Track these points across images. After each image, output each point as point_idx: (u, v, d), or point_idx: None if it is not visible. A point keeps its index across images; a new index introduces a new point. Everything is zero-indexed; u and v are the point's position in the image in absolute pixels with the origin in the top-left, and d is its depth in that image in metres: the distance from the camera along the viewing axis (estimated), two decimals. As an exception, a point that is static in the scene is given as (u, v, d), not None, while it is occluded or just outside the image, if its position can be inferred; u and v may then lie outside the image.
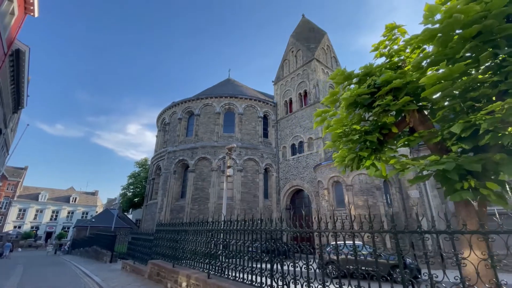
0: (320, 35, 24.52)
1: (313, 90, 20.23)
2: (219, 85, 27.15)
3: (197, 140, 20.78)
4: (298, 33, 25.34)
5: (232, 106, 21.85)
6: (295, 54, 23.72)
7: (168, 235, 6.25)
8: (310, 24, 26.48)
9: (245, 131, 21.20)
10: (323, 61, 22.38)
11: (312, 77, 20.70)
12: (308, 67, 21.52)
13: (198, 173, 19.56)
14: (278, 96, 23.75)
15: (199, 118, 21.57)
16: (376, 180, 12.23)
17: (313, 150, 18.55)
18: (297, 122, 20.63)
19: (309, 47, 22.68)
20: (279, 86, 24.08)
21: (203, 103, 21.99)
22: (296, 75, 22.51)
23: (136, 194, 32.25)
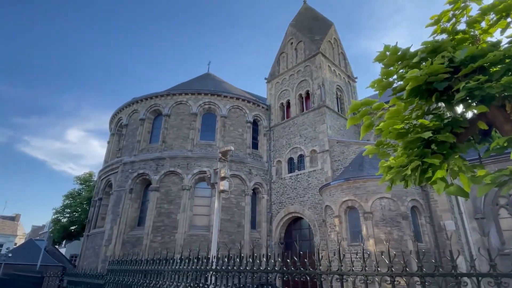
0: (326, 25, 25.32)
1: (317, 91, 20.48)
2: (196, 80, 26.89)
3: (164, 148, 20.12)
4: (299, 22, 26.04)
5: (213, 106, 21.60)
6: (295, 47, 24.19)
7: (130, 277, 5.51)
8: (313, 12, 27.38)
9: (229, 139, 20.87)
10: (329, 56, 22.96)
11: (317, 75, 21.05)
12: (311, 63, 21.92)
13: (163, 193, 18.76)
14: (272, 97, 23.83)
15: (168, 120, 21.03)
16: (402, 206, 12.16)
17: (317, 167, 18.46)
18: (296, 130, 20.63)
19: (313, 39, 23.24)
20: (274, 85, 24.24)
21: (175, 100, 21.55)
22: (296, 72, 22.82)
23: (73, 221, 30.18)
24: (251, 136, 21.80)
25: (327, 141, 18.37)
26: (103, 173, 22.26)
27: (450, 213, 12.41)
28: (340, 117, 21.10)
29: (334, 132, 19.54)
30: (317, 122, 19.49)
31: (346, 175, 14.28)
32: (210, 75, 28.72)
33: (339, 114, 21.07)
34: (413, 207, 12.67)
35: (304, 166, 19.31)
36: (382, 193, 12.41)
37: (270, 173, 21.13)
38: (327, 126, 18.97)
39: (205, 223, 18.54)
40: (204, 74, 29.00)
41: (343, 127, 20.80)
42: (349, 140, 18.31)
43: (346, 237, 12.61)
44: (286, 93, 23.00)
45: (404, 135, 2.85)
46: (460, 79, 2.57)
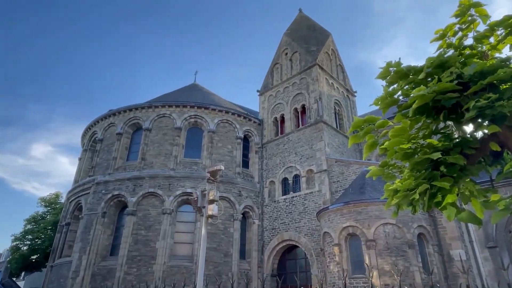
0: (323, 35, 26.15)
1: (314, 105, 20.82)
2: (181, 91, 27.05)
3: (143, 167, 19.87)
4: (294, 31, 26.84)
5: (200, 120, 21.66)
6: (289, 57, 24.78)
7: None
8: (309, 21, 28.33)
9: (217, 156, 20.79)
10: (327, 68, 23.55)
11: (313, 88, 21.47)
12: (307, 75, 22.41)
13: (141, 217, 18.33)
14: (265, 111, 24.09)
15: (149, 135, 20.90)
16: (407, 233, 12.14)
17: (314, 188, 18.44)
18: (291, 147, 20.75)
19: (309, 50, 23.89)
20: (267, 98, 24.56)
21: (158, 113, 21.53)
22: (291, 85, 23.25)
23: (35, 249, 28.92)
24: (241, 154, 21.80)
25: (325, 160, 18.48)
26: (73, 194, 21.74)
27: (460, 241, 12.45)
28: (339, 133, 21.36)
29: (332, 150, 19.70)
30: (314, 139, 19.67)
31: (346, 198, 14.27)
32: (197, 86, 28.95)
33: (337, 131, 21.34)
34: (420, 234, 12.66)
35: (299, 187, 19.28)
36: (386, 219, 12.41)
37: (262, 195, 21.00)
38: (325, 143, 19.15)
39: (187, 253, 18.05)
40: (190, 84, 29.21)
41: (342, 145, 21.02)
42: (349, 159, 18.45)
43: (347, 268, 12.42)
44: (280, 107, 23.28)
45: (411, 155, 2.89)
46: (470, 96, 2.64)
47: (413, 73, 2.95)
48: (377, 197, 12.98)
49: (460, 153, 2.96)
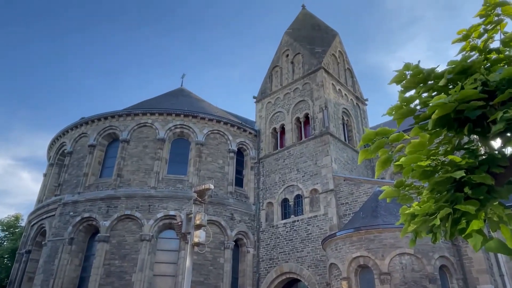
0: (329, 35, 26.66)
1: (319, 114, 20.99)
2: (165, 96, 27.20)
3: (119, 185, 19.74)
4: (297, 30, 27.33)
5: (186, 130, 21.70)
6: (291, 60, 25.12)
7: None
8: (313, 20, 28.91)
9: (205, 173, 20.74)
10: (334, 73, 23.88)
11: (318, 95, 21.70)
12: (311, 80, 22.68)
13: (115, 245, 18.08)
14: (262, 120, 24.21)
15: (127, 147, 20.87)
16: (428, 265, 12.04)
17: (318, 211, 18.38)
18: (292, 163, 20.77)
19: (313, 51, 24.27)
20: (265, 106, 24.72)
21: (138, 122, 21.55)
22: (293, 91, 23.48)
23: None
24: (234, 170, 21.78)
25: (331, 178, 18.49)
26: (35, 216, 21.48)
27: (489, 274, 12.38)
28: (348, 147, 21.46)
29: (340, 166, 19.74)
30: (319, 154, 19.73)
31: (357, 223, 14.19)
32: (183, 90, 29.12)
33: (346, 144, 21.43)
34: (442, 267, 12.58)
35: (302, 210, 19.21)
36: (403, 248, 12.34)
37: (258, 219, 20.86)
38: (332, 158, 19.21)
39: (169, 287, 17.73)
40: (176, 89, 29.40)
41: (351, 161, 21.08)
42: (359, 178, 18.45)
43: (358, 306, 12.23)
44: (280, 116, 23.41)
45: (431, 174, 2.89)
46: (497, 107, 2.67)
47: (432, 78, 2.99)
48: (392, 222, 12.93)
49: (487, 172, 2.96)
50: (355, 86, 26.08)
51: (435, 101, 2.72)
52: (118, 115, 21.89)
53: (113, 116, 21.94)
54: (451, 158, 2.81)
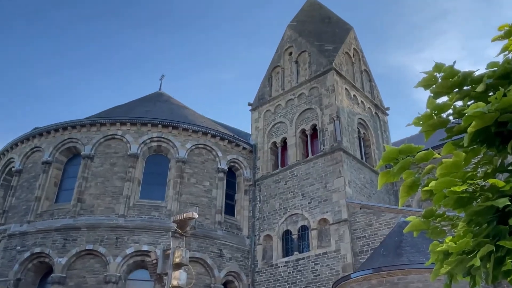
0: (342, 30, 27.10)
1: (329, 126, 21.10)
2: (140, 102, 27.27)
3: (80, 212, 19.63)
4: (302, 23, 27.76)
5: (165, 144, 21.74)
6: (295, 59, 25.41)
7: None
8: (323, 10, 29.41)
9: (188, 197, 20.66)
10: (348, 75, 24.16)
11: (329, 102, 21.86)
12: (320, 84, 22.90)
13: (72, 287, 17.77)
14: (259, 133, 24.29)
15: (91, 165, 20.81)
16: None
17: (329, 247, 18.30)
18: (296, 186, 20.75)
19: (322, 48, 24.61)
20: (263, 115, 24.84)
21: (104, 133, 21.55)
22: (297, 97, 23.67)
23: None
24: (224, 194, 21.70)
25: (345, 205, 18.43)
26: (-29, 251, 21.05)
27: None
28: (365, 167, 21.50)
29: (356, 190, 19.72)
30: (329, 175, 19.72)
31: (377, 263, 14.06)
32: (162, 95, 29.23)
33: (362, 163, 21.47)
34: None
35: (308, 245, 19.10)
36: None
37: (254, 257, 20.69)
38: (345, 181, 19.19)
39: None
40: (153, 93, 29.52)
41: (369, 184, 21.07)
42: (380, 205, 18.40)
43: None
44: (281, 128, 23.47)
45: (468, 202, 2.88)
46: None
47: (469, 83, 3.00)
48: (421, 262, 12.85)
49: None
50: (373, 91, 26.32)
51: (472, 110, 2.73)
52: (80, 125, 21.83)
53: (74, 126, 21.88)
54: (492, 182, 2.80)
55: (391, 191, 22.53)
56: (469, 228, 2.85)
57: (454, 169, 2.83)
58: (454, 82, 2.94)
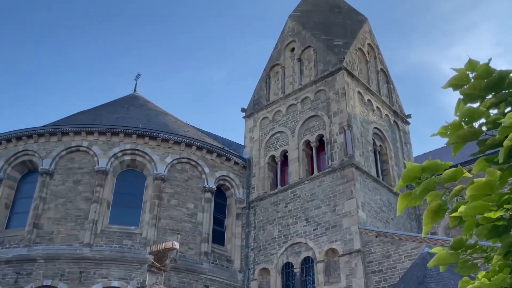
0: (354, 22, 27.35)
1: (339, 137, 21.16)
2: (110, 106, 27.27)
3: (36, 240, 19.53)
4: (307, 14, 28.00)
5: (140, 158, 21.76)
6: (298, 56, 25.57)
7: None
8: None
9: (168, 223, 20.62)
10: (361, 76, 24.32)
11: (338, 108, 21.94)
12: (328, 86, 23.01)
13: (25, 333, 17.59)
14: (254, 144, 24.33)
15: (50, 183, 20.75)
16: None
17: (338, 283, 18.24)
18: (299, 209, 20.73)
19: (330, 44, 24.78)
20: (259, 123, 24.90)
21: (67, 145, 21.54)
22: (301, 101, 23.76)
23: None
24: (211, 219, 21.70)
25: (357, 232, 18.40)
26: None
27: None
28: (381, 186, 21.52)
29: (371, 215, 19.70)
30: (338, 196, 19.70)
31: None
32: (138, 98, 29.24)
33: (379, 182, 21.48)
34: None
35: (313, 281, 19.02)
36: None
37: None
38: (358, 203, 19.17)
39: None
40: (127, 96, 29.56)
41: (387, 207, 21.06)
42: (399, 233, 18.34)
43: None
44: (281, 139, 23.50)
45: (504, 231, 2.90)
46: None
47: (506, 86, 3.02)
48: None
49: None
50: (392, 95, 26.45)
51: (509, 119, 2.75)
52: (38, 135, 21.77)
53: (29, 136, 21.82)
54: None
55: (413, 216, 22.52)
56: (505, 262, 2.86)
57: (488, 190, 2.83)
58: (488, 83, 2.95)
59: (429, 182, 2.96)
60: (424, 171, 2.93)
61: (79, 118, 25.15)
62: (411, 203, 2.89)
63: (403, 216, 21.73)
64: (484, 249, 3.07)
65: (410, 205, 2.88)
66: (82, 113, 26.47)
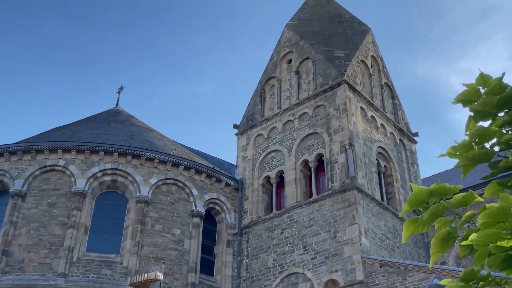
0: (356, 32, 27.62)
1: (340, 156, 21.22)
2: (90, 122, 27.25)
3: (5, 269, 19.38)
4: (305, 23, 28.27)
5: (122, 178, 21.74)
6: (295, 68, 25.77)
7: None
8: (332, 6, 30.08)
9: (151, 250, 20.50)
10: (364, 91, 24.49)
11: (339, 125, 22.03)
12: (328, 101, 23.14)
13: None
14: (247, 164, 24.37)
15: (21, 206, 20.65)
16: None
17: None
18: (296, 235, 20.70)
19: (330, 56, 25.00)
20: (252, 141, 24.97)
21: (41, 164, 21.50)
22: (298, 117, 23.87)
23: None
24: (199, 246, 21.64)
25: (360, 261, 18.35)
26: None
27: None
28: (386, 211, 21.54)
29: (374, 242, 19.67)
30: (339, 221, 19.67)
31: None
32: (120, 113, 29.21)
33: (383, 206, 21.50)
34: None
35: (312, 316, 18.84)
36: None
37: (239, 331, 20.38)
38: (361, 229, 19.14)
39: None
40: (108, 111, 29.51)
41: (392, 233, 21.04)
42: (406, 262, 18.29)
43: None
44: (276, 158, 23.54)
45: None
46: None
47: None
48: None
49: None
50: (397, 111, 26.60)
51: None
52: (9, 152, 21.71)
53: (0, 154, 21.76)
54: None
55: (421, 244, 22.46)
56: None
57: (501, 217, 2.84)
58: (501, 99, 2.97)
59: (438, 207, 2.96)
60: (432, 195, 2.94)
61: (55, 134, 25.05)
62: (417, 230, 2.89)
63: (410, 244, 21.68)
64: (498, 281, 3.07)
65: (417, 232, 2.88)
66: (58, 129, 26.35)
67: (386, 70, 27.82)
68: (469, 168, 3.12)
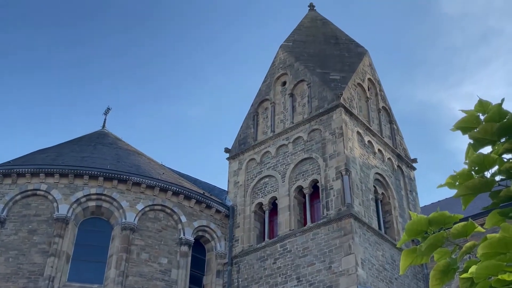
0: (353, 54, 27.94)
1: (336, 183, 21.25)
2: (74, 144, 27.18)
3: (-20, 299, 18.97)
4: (300, 44, 28.57)
5: (107, 204, 21.67)
6: (290, 91, 25.96)
7: None
8: (328, 28, 30.47)
9: (137, 281, 20.39)
10: (361, 115, 24.69)
11: (335, 150, 22.12)
12: (324, 125, 23.28)
13: None
14: (239, 190, 24.34)
15: (0, 232, 20.46)
16: None
17: None
18: (290, 265, 20.62)
19: (326, 78, 25.23)
20: (244, 166, 25.00)
21: (22, 188, 21.42)
22: (292, 142, 23.97)
23: None
24: (187, 276, 21.53)
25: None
26: None
27: None
28: (384, 241, 21.54)
29: (372, 273, 19.60)
30: (335, 251, 19.62)
31: None
32: (107, 136, 29.19)
33: (381, 235, 21.50)
34: None
35: None
36: None
37: None
38: (357, 260, 19.08)
39: None
40: (95, 133, 29.46)
41: (390, 264, 20.99)
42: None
43: None
44: (269, 184, 23.56)
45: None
46: None
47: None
48: None
49: None
50: (395, 137, 26.75)
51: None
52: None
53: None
54: None
55: (420, 275, 22.39)
56: None
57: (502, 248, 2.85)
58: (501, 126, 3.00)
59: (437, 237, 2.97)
60: (431, 224, 2.95)
61: (38, 157, 24.93)
62: (416, 261, 2.90)
63: (409, 276, 21.61)
64: (500, 316, 3.07)
65: (415, 263, 2.88)
66: (41, 152, 26.23)
67: (384, 93, 28.05)
68: (470, 198, 3.15)
